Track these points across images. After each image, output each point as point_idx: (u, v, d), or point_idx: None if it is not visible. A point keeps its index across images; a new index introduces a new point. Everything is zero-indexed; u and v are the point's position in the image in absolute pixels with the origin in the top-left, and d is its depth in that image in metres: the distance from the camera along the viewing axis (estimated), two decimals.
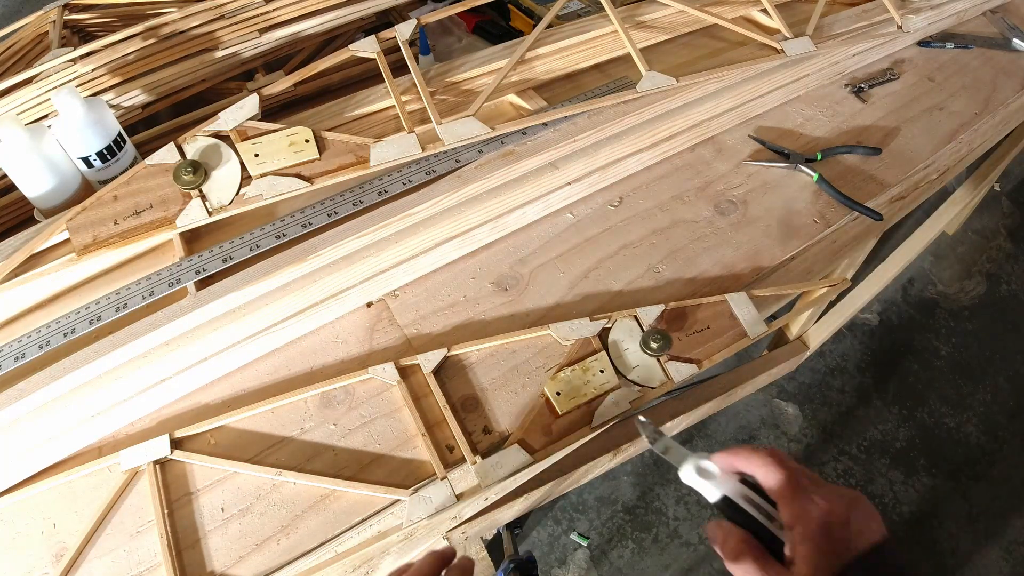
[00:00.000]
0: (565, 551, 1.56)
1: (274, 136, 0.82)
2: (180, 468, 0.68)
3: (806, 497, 0.44)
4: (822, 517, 0.43)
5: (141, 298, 0.75)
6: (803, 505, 0.43)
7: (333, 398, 0.72)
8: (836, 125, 0.99)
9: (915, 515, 1.56)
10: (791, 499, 0.44)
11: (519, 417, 0.70)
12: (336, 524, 0.64)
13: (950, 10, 1.13)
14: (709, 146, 0.96)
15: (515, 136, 0.87)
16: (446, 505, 0.64)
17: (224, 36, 1.05)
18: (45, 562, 0.63)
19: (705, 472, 0.48)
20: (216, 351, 0.73)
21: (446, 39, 1.25)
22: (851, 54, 1.04)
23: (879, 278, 1.38)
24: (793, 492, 0.44)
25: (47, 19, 1.08)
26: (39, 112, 0.95)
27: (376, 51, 0.89)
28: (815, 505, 0.43)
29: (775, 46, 1.00)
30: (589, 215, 0.88)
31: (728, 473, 0.48)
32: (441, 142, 0.84)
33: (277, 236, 0.80)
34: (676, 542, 1.56)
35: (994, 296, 1.92)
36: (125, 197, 0.79)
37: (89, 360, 0.69)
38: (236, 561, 0.63)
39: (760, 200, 0.89)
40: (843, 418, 1.71)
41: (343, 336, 0.77)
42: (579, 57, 1.01)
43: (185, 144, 0.81)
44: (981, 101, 1.04)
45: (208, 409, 0.72)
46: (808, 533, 0.43)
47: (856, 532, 0.43)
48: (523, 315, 0.78)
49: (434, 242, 0.80)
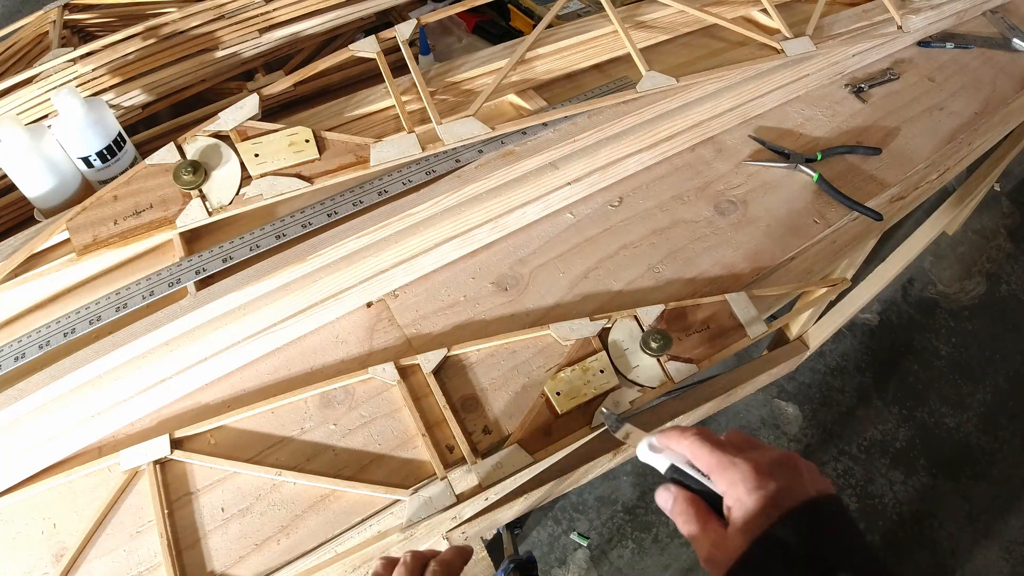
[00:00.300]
0: (565, 551, 1.56)
1: (274, 136, 0.82)
2: (180, 468, 0.68)
3: (732, 466, 0.47)
4: (748, 480, 0.46)
5: (141, 298, 0.75)
6: (729, 475, 0.47)
7: (333, 398, 0.72)
8: (836, 125, 0.99)
9: (915, 515, 1.56)
10: (719, 472, 0.48)
11: (519, 417, 0.70)
12: (336, 524, 0.64)
13: (950, 10, 1.13)
14: (709, 146, 0.96)
15: (515, 136, 0.87)
16: (446, 505, 0.64)
17: (224, 36, 1.05)
18: (45, 562, 0.63)
19: (656, 448, 0.53)
20: (216, 351, 0.73)
21: (446, 39, 1.25)
22: (851, 54, 1.04)
23: (879, 278, 1.38)
24: (719, 464, 0.48)
25: (47, 19, 1.08)
26: (39, 112, 0.95)
27: (376, 51, 0.89)
28: (740, 469, 0.47)
29: (775, 46, 1.00)
30: (589, 215, 0.88)
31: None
32: (441, 142, 0.84)
33: (277, 236, 0.80)
34: (676, 542, 1.56)
35: (994, 296, 1.92)
36: (125, 197, 0.79)
37: (89, 360, 0.69)
38: (236, 561, 0.63)
39: (760, 200, 0.89)
40: (843, 418, 1.71)
41: (343, 336, 0.77)
42: (579, 57, 1.01)
43: (185, 144, 0.81)
44: (981, 101, 1.04)
45: (208, 409, 0.72)
46: (737, 497, 0.46)
47: (787, 489, 0.46)
48: (523, 315, 0.78)
49: (434, 242, 0.80)
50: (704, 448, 0.50)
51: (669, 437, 0.52)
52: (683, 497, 0.50)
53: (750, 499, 0.46)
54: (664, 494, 0.51)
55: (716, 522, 0.48)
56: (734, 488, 0.47)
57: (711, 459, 0.49)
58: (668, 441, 0.52)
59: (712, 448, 0.49)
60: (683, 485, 0.51)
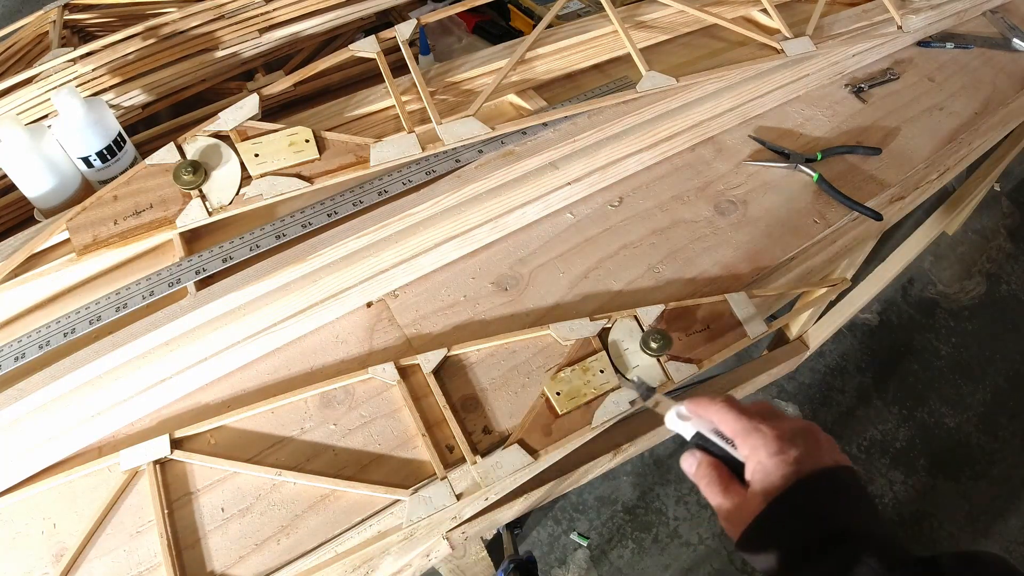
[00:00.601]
0: (565, 551, 1.56)
1: (274, 136, 0.82)
2: (180, 468, 0.68)
3: (756, 432, 0.50)
4: (769, 446, 0.49)
5: (141, 298, 0.75)
6: (752, 440, 0.50)
7: (333, 398, 0.72)
8: (836, 125, 0.99)
9: (915, 515, 1.56)
10: (743, 437, 0.50)
11: (519, 417, 0.70)
12: (336, 524, 0.64)
13: (950, 10, 1.13)
14: (709, 146, 0.96)
15: (515, 136, 0.87)
16: (446, 505, 0.64)
17: (224, 36, 1.05)
18: (45, 562, 0.63)
19: (683, 416, 0.55)
20: (216, 351, 0.73)
21: (446, 39, 1.25)
22: (851, 54, 1.04)
23: (879, 278, 1.38)
24: (744, 430, 0.50)
25: (47, 19, 1.08)
26: (39, 112, 0.95)
27: (376, 51, 0.89)
28: (763, 435, 0.49)
29: (775, 46, 1.00)
30: (589, 215, 0.88)
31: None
32: (441, 142, 0.84)
33: (277, 236, 0.80)
34: (676, 542, 1.56)
35: (994, 296, 1.92)
36: (125, 197, 0.79)
37: (89, 360, 0.69)
38: (236, 561, 0.63)
39: (760, 200, 0.89)
40: (843, 418, 1.71)
41: (343, 336, 0.77)
42: (579, 57, 1.01)
43: (185, 144, 0.81)
44: (981, 101, 1.04)
45: (208, 409, 0.72)
46: (758, 461, 0.49)
47: (807, 456, 0.48)
48: (523, 315, 0.78)
49: (434, 242, 0.80)
50: (731, 414, 0.52)
51: (698, 404, 0.54)
52: (707, 462, 0.52)
53: (771, 463, 0.48)
54: (689, 459, 0.53)
55: (737, 485, 0.50)
56: (756, 453, 0.49)
57: (737, 424, 0.51)
58: (697, 408, 0.54)
59: (738, 414, 0.51)
60: (707, 452, 0.53)
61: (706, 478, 0.52)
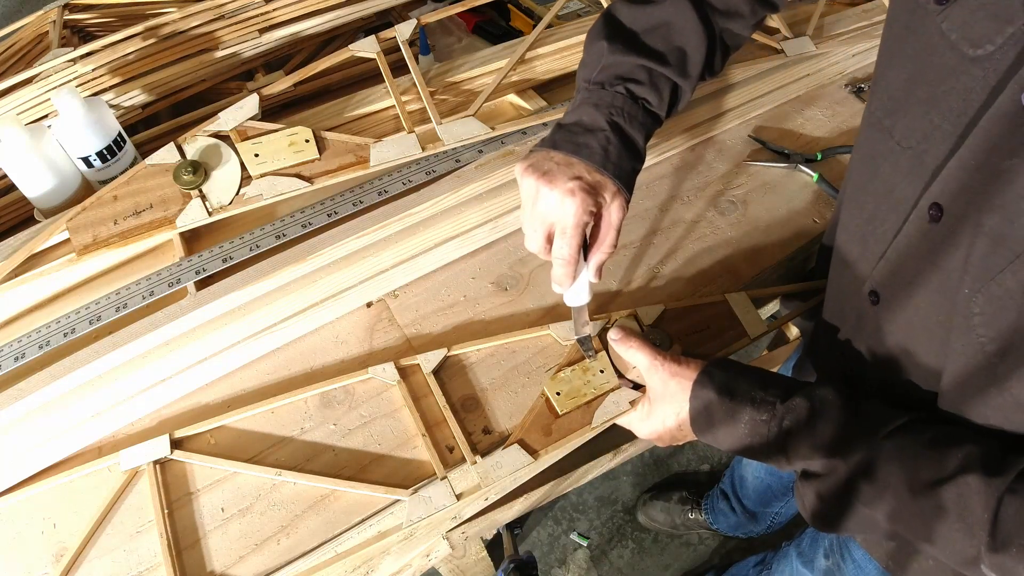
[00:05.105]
0: (565, 551, 1.56)
1: (274, 136, 0.82)
2: (180, 468, 0.68)
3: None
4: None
5: (141, 298, 0.75)
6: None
7: (333, 398, 0.72)
8: (836, 125, 0.99)
9: None
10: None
11: (519, 417, 0.70)
12: (336, 524, 0.64)
13: None
14: (709, 146, 0.96)
15: (515, 136, 0.87)
16: (446, 505, 0.64)
17: (224, 36, 1.05)
18: (45, 562, 0.63)
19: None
20: (216, 351, 0.73)
21: (446, 39, 1.25)
22: (851, 54, 1.04)
23: None
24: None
25: (47, 19, 1.08)
26: (39, 112, 0.95)
27: (376, 51, 0.89)
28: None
29: (775, 46, 1.00)
30: None
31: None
32: (441, 142, 0.84)
33: (277, 236, 0.80)
34: (676, 542, 1.56)
35: None
36: (125, 197, 0.79)
37: (89, 360, 0.69)
38: (236, 561, 0.63)
39: (760, 200, 0.89)
40: None
41: (343, 336, 0.77)
42: (579, 57, 1.00)
43: (185, 144, 0.82)
44: None
45: (208, 409, 0.72)
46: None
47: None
48: (523, 315, 0.78)
49: (434, 242, 0.80)
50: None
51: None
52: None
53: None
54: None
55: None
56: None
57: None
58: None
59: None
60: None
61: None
